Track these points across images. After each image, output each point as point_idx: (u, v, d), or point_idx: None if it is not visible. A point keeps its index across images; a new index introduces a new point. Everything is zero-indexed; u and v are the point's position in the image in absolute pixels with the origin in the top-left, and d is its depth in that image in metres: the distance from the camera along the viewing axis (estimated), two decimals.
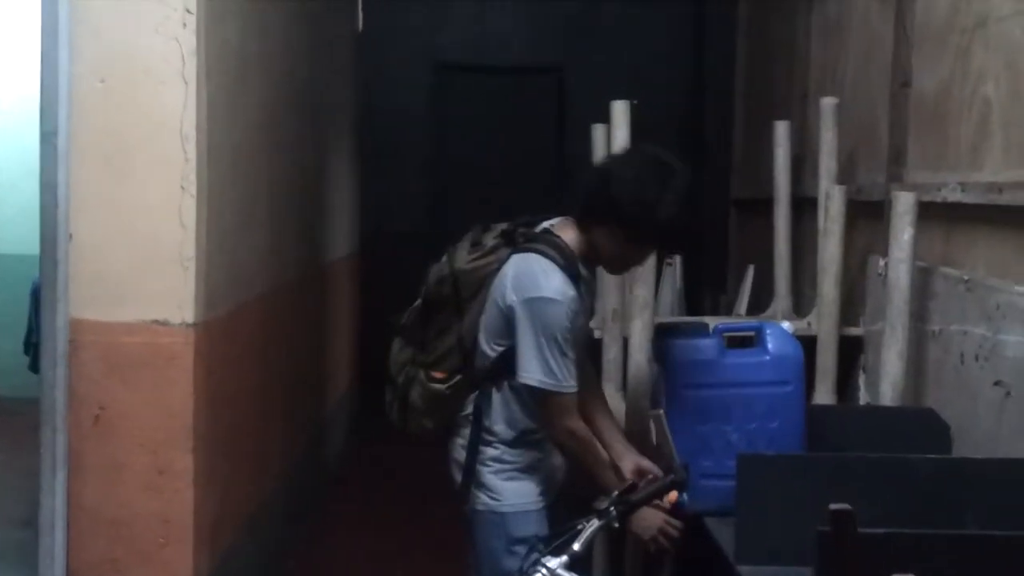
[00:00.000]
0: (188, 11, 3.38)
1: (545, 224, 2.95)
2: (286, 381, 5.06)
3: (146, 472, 3.35)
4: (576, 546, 2.09)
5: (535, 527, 2.79)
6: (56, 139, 3.34)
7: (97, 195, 3.40)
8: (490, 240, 2.96)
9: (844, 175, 4.28)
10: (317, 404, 6.28)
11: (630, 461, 2.85)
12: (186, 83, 3.40)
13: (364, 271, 8.15)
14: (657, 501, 2.66)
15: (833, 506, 2.02)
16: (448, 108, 8.45)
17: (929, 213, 3.45)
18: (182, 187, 3.39)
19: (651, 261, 3.53)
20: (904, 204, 3.44)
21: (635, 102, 4.33)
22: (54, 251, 3.36)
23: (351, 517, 6.05)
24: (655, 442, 3.01)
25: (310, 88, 5.85)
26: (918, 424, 3.10)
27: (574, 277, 2.79)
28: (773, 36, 5.96)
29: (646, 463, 2.82)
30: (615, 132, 4.35)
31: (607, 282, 4.03)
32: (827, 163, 4.25)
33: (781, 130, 4.73)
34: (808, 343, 3.45)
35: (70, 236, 3.39)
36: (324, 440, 6.54)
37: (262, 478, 4.49)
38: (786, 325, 3.46)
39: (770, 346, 3.08)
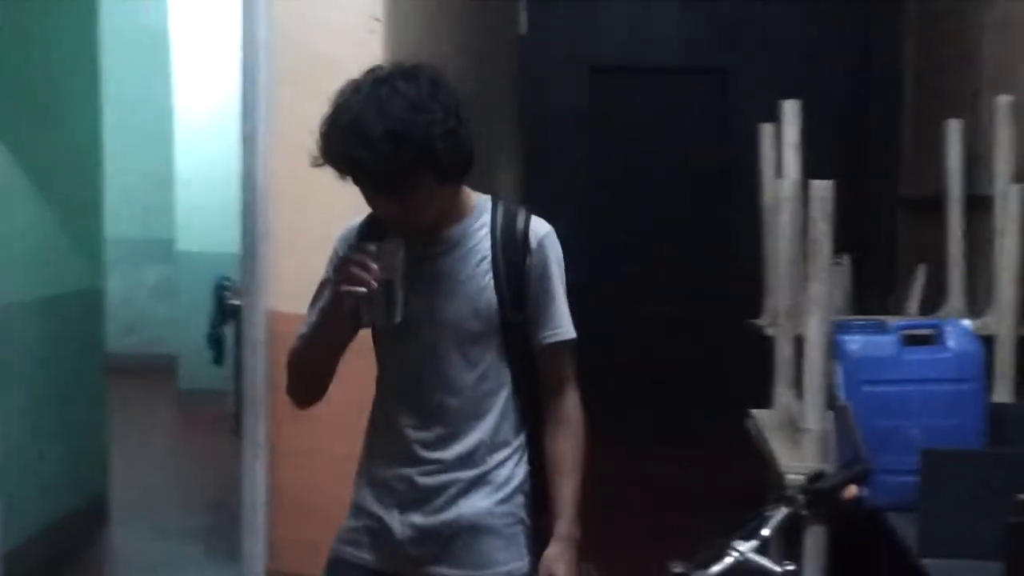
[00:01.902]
0: (376, 18, 3.56)
1: None
2: None
3: (340, 458, 3.50)
4: (765, 531, 2.16)
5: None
6: (256, 140, 3.54)
7: (292, 194, 3.58)
8: None
9: (1021, 173, 4.22)
10: None
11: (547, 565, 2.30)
12: None
13: None
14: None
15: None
16: (606, 111, 8.52)
17: None
18: None
19: (826, 257, 3.54)
20: None
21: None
22: (253, 247, 3.56)
23: None
24: (837, 435, 3.05)
25: (477, 90, 6.00)
26: None
27: (372, 228, 2.33)
28: (943, 34, 5.89)
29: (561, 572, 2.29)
30: (785, 131, 4.38)
31: (779, 280, 4.08)
32: (1003, 162, 4.20)
33: (953, 128, 4.68)
34: (985, 344, 3.43)
35: (268, 233, 3.58)
36: None
37: None
38: (966, 322, 3.46)
39: (950, 343, 3.09)
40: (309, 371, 2.39)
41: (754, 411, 4.08)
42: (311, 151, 2.20)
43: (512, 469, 2.33)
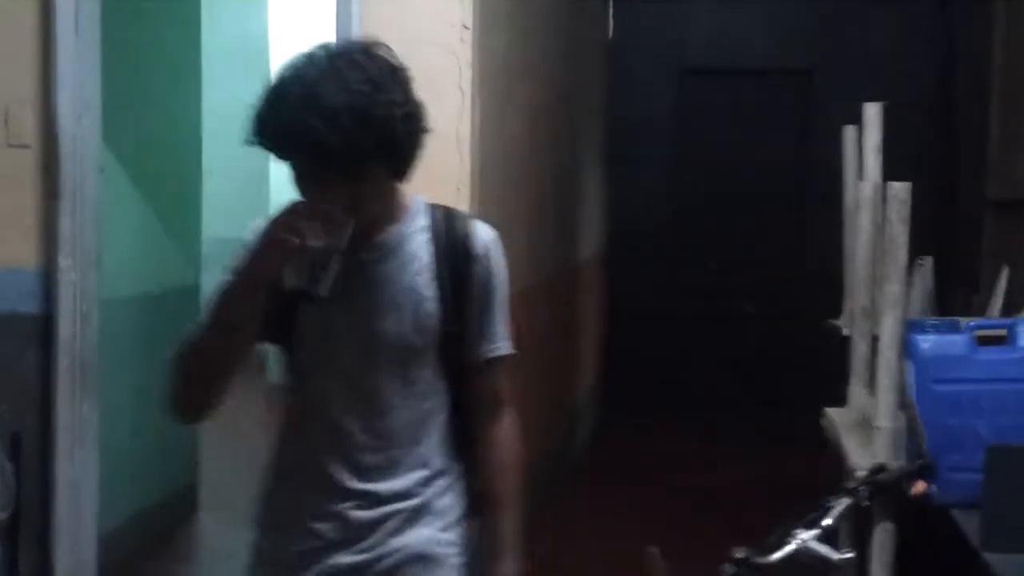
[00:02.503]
0: (465, 26, 3.69)
1: None
2: (543, 372, 5.34)
3: None
4: (827, 521, 2.24)
5: None
6: None
7: None
8: None
9: None
10: (568, 397, 6.54)
11: None
12: (462, 93, 3.70)
13: (609, 270, 8.39)
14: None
15: None
16: (693, 112, 8.60)
17: None
18: (457, 189, 3.69)
19: (902, 258, 3.59)
20: None
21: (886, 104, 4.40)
22: None
23: (590, 504, 6.29)
24: (907, 433, 3.11)
25: (564, 93, 6.12)
26: None
27: None
28: None
29: None
30: (867, 134, 4.42)
31: (858, 281, 4.13)
32: None
33: None
34: None
35: None
36: (573, 431, 6.80)
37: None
38: None
39: (1022, 342, 3.13)
40: (205, 363, 1.99)
41: (828, 409, 4.14)
42: (244, 128, 1.93)
43: (452, 500, 2.12)
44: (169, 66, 5.28)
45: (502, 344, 2.13)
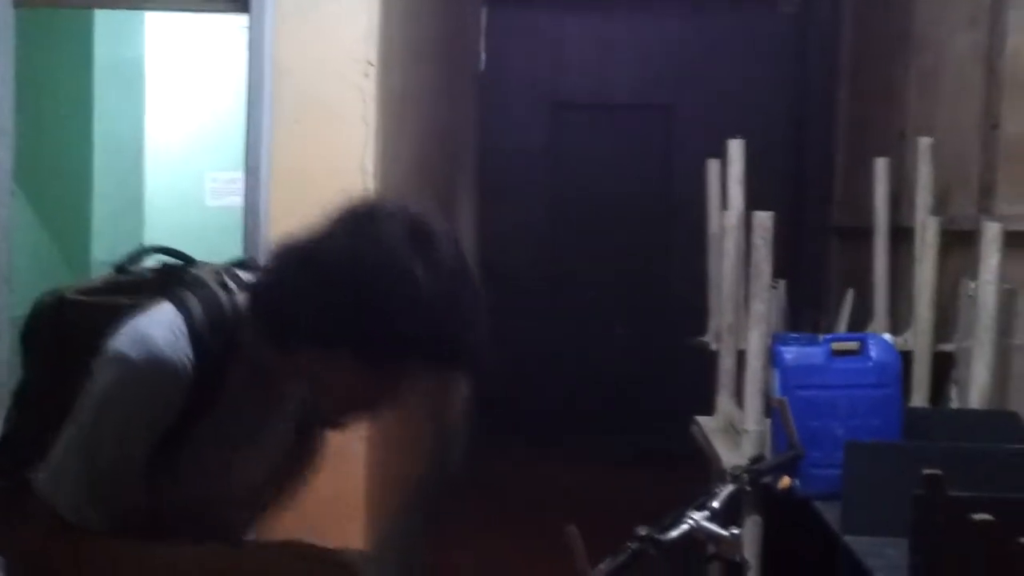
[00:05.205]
0: (369, 63, 3.96)
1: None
2: (419, 398, 5.61)
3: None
4: (715, 504, 2.57)
5: None
6: (259, 171, 3.92)
7: (291, 221, 3.94)
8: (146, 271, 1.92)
9: (938, 207, 4.70)
10: (444, 421, 6.83)
11: None
12: (366, 125, 3.97)
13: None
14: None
15: (926, 471, 2.49)
16: (563, 145, 9.00)
17: (1016, 241, 3.90)
18: None
19: (766, 279, 4.00)
20: (992, 232, 3.90)
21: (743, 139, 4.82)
22: None
23: (466, 527, 6.56)
24: (774, 431, 3.50)
25: (444, 126, 6.43)
26: (1001, 424, 3.55)
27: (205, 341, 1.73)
28: (873, 80, 6.40)
29: None
30: (731, 168, 4.84)
31: (723, 301, 4.53)
32: (923, 196, 4.69)
33: (880, 166, 5.17)
34: (904, 359, 3.90)
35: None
36: (446, 454, 7.08)
37: (407, 478, 5.04)
38: (887, 337, 3.93)
39: (872, 354, 3.55)
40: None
41: (698, 418, 4.52)
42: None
43: None
44: (62, 92, 5.42)
45: None
